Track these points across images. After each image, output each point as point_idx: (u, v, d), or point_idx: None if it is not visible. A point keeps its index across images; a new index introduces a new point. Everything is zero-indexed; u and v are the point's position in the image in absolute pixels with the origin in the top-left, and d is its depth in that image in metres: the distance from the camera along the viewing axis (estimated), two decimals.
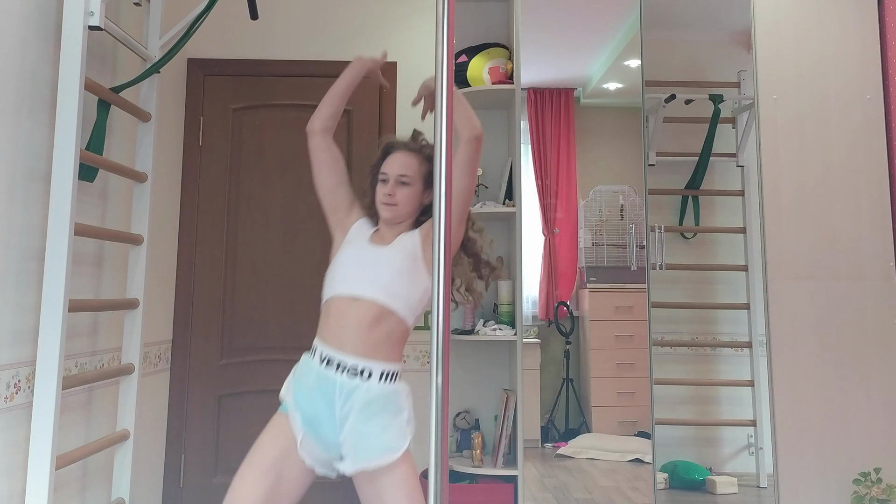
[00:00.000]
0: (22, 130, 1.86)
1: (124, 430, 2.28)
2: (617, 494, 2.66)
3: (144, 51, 2.41)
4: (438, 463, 0.89)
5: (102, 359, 2.33)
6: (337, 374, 1.77)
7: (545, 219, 2.87)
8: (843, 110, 2.71)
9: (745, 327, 2.73)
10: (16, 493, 1.83)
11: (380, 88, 3.27)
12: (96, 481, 2.31)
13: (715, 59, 2.87)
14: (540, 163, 2.89)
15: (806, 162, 2.69)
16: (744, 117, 2.80)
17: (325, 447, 1.81)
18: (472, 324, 3.01)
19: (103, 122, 2.19)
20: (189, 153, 3.17)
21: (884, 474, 2.48)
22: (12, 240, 1.82)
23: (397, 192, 1.91)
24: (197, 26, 2.41)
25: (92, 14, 1.97)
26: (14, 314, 1.82)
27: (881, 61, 2.72)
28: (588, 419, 2.78)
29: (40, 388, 1.83)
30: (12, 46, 1.82)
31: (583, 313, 2.84)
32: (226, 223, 3.16)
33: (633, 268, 2.83)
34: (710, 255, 2.79)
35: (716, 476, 2.66)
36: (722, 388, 2.73)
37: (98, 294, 2.31)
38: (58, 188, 1.89)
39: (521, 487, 2.62)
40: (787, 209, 2.66)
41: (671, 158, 2.82)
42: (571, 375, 2.81)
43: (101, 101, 2.18)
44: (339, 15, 3.31)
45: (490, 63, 2.97)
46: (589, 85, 2.93)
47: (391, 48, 3.30)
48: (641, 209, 2.80)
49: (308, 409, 1.80)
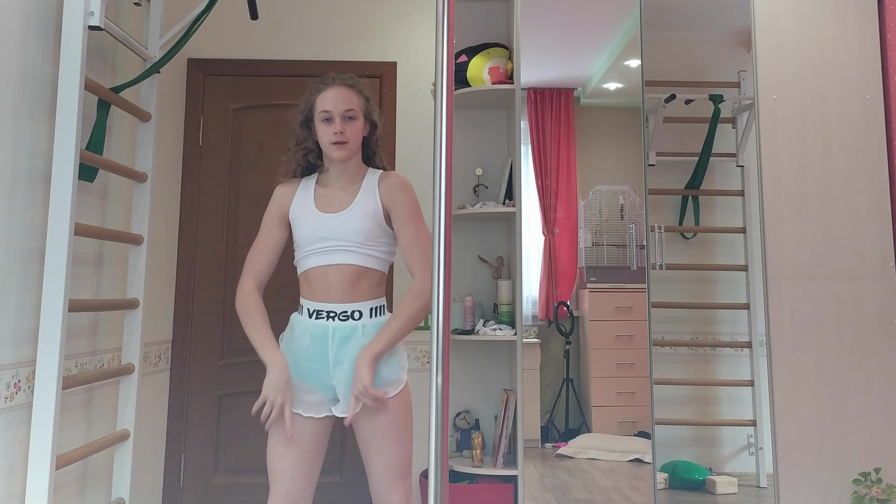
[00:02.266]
0: (22, 130, 1.86)
1: (124, 430, 2.28)
2: (617, 494, 2.66)
3: (144, 51, 2.41)
4: (438, 463, 0.88)
5: (102, 359, 2.33)
6: (329, 322, 1.84)
7: (545, 219, 2.87)
8: (842, 110, 2.71)
9: (745, 327, 2.73)
10: (16, 493, 1.83)
11: (380, 89, 3.28)
12: (96, 481, 2.31)
13: (715, 59, 2.87)
14: (540, 163, 2.89)
15: (806, 162, 2.69)
16: (744, 117, 2.80)
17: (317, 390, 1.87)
18: (472, 324, 3.01)
19: (103, 122, 2.19)
20: (189, 153, 3.17)
21: (884, 474, 2.48)
22: (12, 240, 1.82)
23: (346, 128, 1.87)
24: (197, 26, 2.41)
25: (92, 14, 1.97)
26: (14, 314, 1.82)
27: (881, 61, 2.72)
28: (588, 419, 2.78)
29: (40, 388, 1.83)
30: (12, 46, 1.82)
31: (583, 313, 2.84)
32: (226, 223, 3.16)
33: (633, 268, 2.83)
34: (710, 255, 2.79)
35: (716, 476, 2.66)
36: (722, 388, 2.73)
37: (98, 294, 2.31)
38: (58, 188, 1.89)
39: (521, 487, 2.62)
40: (787, 209, 2.66)
41: (671, 158, 2.82)
42: (571, 375, 2.81)
43: (101, 101, 2.18)
44: (340, 15, 3.31)
45: (490, 63, 2.97)
46: (589, 85, 2.93)
47: (391, 48, 3.31)
48: (641, 209, 2.80)
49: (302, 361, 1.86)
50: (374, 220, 1.87)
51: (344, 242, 1.85)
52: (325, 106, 1.87)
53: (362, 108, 1.92)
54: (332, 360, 1.85)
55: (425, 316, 1.91)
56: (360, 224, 1.85)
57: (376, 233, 1.87)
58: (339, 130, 1.85)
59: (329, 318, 1.84)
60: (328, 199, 1.92)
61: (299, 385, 1.87)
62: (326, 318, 1.84)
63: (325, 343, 1.85)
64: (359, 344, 1.83)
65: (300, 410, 1.86)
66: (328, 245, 1.86)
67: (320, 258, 1.86)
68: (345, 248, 1.85)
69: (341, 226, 1.85)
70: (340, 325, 1.84)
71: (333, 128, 1.86)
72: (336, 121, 1.86)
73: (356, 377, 1.78)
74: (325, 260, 1.86)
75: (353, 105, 1.89)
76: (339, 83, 1.90)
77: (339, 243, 1.85)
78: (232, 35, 3.28)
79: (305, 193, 1.94)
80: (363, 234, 1.85)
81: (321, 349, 1.85)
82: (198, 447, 3.05)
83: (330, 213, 1.88)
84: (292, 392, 1.85)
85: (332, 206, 1.90)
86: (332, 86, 1.90)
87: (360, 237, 1.85)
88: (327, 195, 1.93)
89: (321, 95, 1.90)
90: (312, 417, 1.87)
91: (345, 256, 1.85)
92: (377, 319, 1.88)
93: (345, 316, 1.84)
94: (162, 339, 2.99)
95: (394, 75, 3.27)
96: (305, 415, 1.86)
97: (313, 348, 1.86)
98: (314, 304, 1.86)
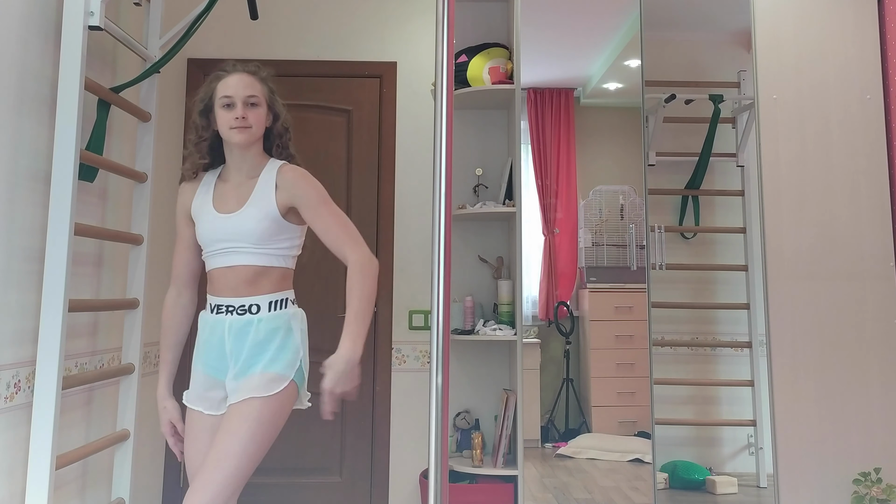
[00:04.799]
0: (22, 130, 1.86)
1: (124, 430, 2.28)
2: (617, 494, 2.66)
3: (144, 51, 2.41)
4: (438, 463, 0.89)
5: (102, 359, 2.33)
6: (227, 317, 1.80)
7: (545, 219, 2.87)
8: (842, 110, 2.71)
9: (745, 327, 2.73)
10: (16, 493, 1.83)
11: (380, 89, 3.28)
12: (96, 481, 2.31)
13: (715, 59, 2.87)
14: (540, 163, 2.89)
15: (806, 162, 2.69)
16: (744, 117, 2.80)
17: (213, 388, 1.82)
18: (472, 324, 3.01)
19: (103, 122, 2.19)
20: None
21: (884, 474, 2.48)
22: (12, 240, 1.82)
23: (249, 114, 1.81)
24: (197, 26, 2.41)
25: (92, 14, 1.97)
26: (14, 314, 1.82)
27: (881, 61, 2.72)
28: (588, 419, 2.78)
29: (40, 388, 1.83)
30: (12, 46, 1.82)
31: (583, 313, 2.84)
32: None
33: (633, 268, 2.83)
34: (710, 255, 2.78)
35: (716, 476, 2.66)
36: (722, 388, 2.73)
37: (98, 294, 2.31)
38: (58, 188, 1.89)
39: (521, 487, 2.62)
40: (787, 209, 2.66)
41: (671, 158, 2.82)
42: (571, 375, 2.81)
43: (101, 101, 2.18)
44: (340, 15, 3.31)
45: (490, 63, 2.97)
46: (589, 85, 2.93)
47: (391, 48, 3.31)
48: (641, 209, 2.80)
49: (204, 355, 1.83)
50: (269, 219, 1.81)
51: (239, 244, 1.80)
52: (227, 91, 1.81)
53: (266, 96, 1.88)
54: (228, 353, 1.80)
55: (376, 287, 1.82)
56: (253, 225, 1.79)
57: (272, 232, 1.81)
58: (240, 116, 1.79)
59: (228, 313, 1.81)
60: (225, 197, 1.86)
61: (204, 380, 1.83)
62: (225, 312, 1.81)
63: (221, 337, 1.81)
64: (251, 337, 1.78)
65: (201, 408, 1.82)
66: (225, 247, 1.81)
67: (220, 259, 1.82)
68: (241, 250, 1.80)
69: (235, 226, 1.80)
70: (237, 319, 1.80)
71: (234, 113, 1.80)
72: (238, 106, 1.80)
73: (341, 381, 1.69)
74: (224, 261, 1.82)
75: (255, 91, 1.84)
76: (241, 70, 1.86)
77: (235, 244, 1.80)
78: (232, 35, 3.27)
79: (206, 191, 1.89)
80: (257, 236, 1.80)
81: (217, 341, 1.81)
82: None
83: (226, 213, 1.83)
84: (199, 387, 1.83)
85: (228, 204, 1.84)
86: (234, 72, 1.86)
87: (254, 238, 1.80)
88: (225, 192, 1.87)
89: (222, 82, 1.85)
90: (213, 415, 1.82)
91: (242, 258, 1.80)
92: (277, 312, 1.82)
93: (242, 310, 1.80)
94: None
95: (394, 75, 3.27)
96: (206, 412, 1.82)
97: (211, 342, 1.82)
98: (215, 298, 1.84)
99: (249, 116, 1.81)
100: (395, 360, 3.14)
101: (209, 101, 1.86)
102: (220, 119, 1.82)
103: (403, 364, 3.14)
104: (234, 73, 1.85)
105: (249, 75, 1.86)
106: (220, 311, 1.82)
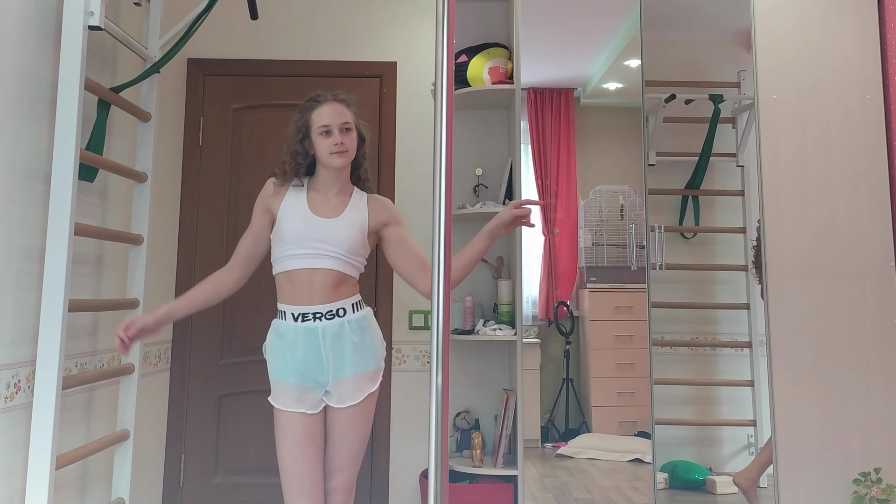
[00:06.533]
0: (22, 130, 1.86)
1: (124, 430, 2.28)
2: (617, 494, 2.66)
3: (144, 51, 2.41)
4: (438, 463, 0.88)
5: (102, 359, 2.33)
6: (317, 323, 1.94)
7: (545, 219, 2.87)
8: (842, 110, 2.71)
9: (745, 327, 2.73)
10: (16, 493, 1.83)
11: (379, 89, 3.28)
12: (96, 481, 2.31)
13: (715, 59, 2.87)
14: (540, 163, 2.89)
15: (806, 162, 2.69)
16: (744, 117, 2.80)
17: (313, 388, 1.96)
18: (472, 324, 3.01)
19: (103, 122, 2.19)
20: (189, 153, 3.17)
21: (884, 474, 2.48)
22: (12, 240, 1.82)
23: (345, 140, 1.98)
24: (197, 26, 2.41)
25: (92, 14, 1.97)
26: (14, 314, 1.82)
27: (881, 61, 2.72)
28: (588, 419, 2.78)
29: (40, 388, 1.83)
30: (12, 46, 1.82)
31: (583, 313, 2.84)
32: (226, 223, 3.16)
33: (633, 268, 2.83)
34: (710, 255, 2.78)
35: (716, 476, 2.66)
36: (722, 388, 2.73)
37: (98, 294, 2.31)
38: (58, 188, 1.89)
39: (521, 487, 2.62)
40: (787, 209, 2.66)
41: (671, 158, 2.82)
42: (571, 375, 2.80)
43: (101, 101, 2.18)
44: (340, 15, 3.31)
45: (490, 63, 2.97)
46: (589, 85, 2.93)
47: (391, 48, 3.31)
48: (641, 209, 2.80)
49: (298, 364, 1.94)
50: (360, 232, 1.99)
51: (332, 248, 1.95)
52: (324, 121, 1.98)
53: (354, 121, 2.05)
54: (325, 357, 1.94)
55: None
56: (349, 233, 1.97)
57: (359, 244, 1.99)
58: (339, 141, 1.97)
59: (316, 319, 1.94)
60: (321, 204, 2.01)
61: (298, 386, 1.94)
62: (313, 319, 1.94)
63: (315, 343, 1.94)
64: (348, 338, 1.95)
65: (303, 409, 1.94)
66: (316, 249, 1.94)
67: (307, 261, 1.95)
68: (331, 255, 1.95)
69: (333, 230, 1.96)
70: (330, 324, 1.94)
71: (333, 139, 1.97)
72: (335, 133, 1.97)
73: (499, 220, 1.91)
74: (312, 263, 1.95)
75: (348, 119, 2.01)
76: (331, 99, 2.02)
77: (328, 248, 1.95)
78: (232, 35, 3.27)
79: (297, 194, 2.03)
80: (350, 243, 1.96)
81: (314, 349, 1.94)
82: (198, 447, 3.05)
83: (323, 217, 1.98)
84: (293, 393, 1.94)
85: (325, 210, 2.00)
86: (326, 101, 2.01)
87: (347, 245, 1.96)
88: (319, 199, 2.02)
89: (316, 111, 2.00)
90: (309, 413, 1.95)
91: (330, 262, 1.95)
92: (360, 312, 2.01)
93: (331, 315, 1.95)
94: (162, 339, 2.99)
95: (394, 75, 3.27)
96: (309, 412, 1.94)
97: (308, 350, 1.94)
98: (298, 307, 1.95)
99: (346, 141, 1.98)
100: (395, 360, 3.14)
101: (306, 131, 2.02)
102: (319, 146, 1.99)
103: (403, 364, 3.14)
104: (325, 102, 2.02)
105: (340, 103, 2.03)
106: (306, 319, 1.94)
